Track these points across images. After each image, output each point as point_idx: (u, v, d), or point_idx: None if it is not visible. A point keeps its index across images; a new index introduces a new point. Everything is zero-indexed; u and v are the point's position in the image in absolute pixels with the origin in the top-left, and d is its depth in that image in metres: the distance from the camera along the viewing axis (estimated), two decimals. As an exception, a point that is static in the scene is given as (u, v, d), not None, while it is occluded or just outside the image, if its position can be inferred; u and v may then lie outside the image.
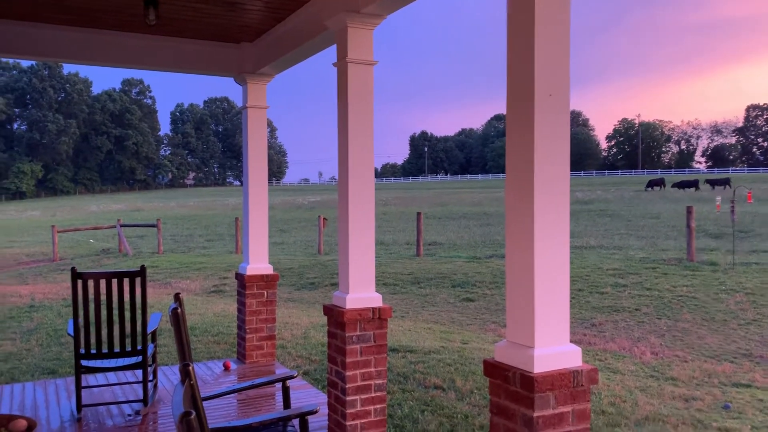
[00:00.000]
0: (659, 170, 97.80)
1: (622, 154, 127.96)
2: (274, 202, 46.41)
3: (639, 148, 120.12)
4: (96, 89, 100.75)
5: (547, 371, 2.73)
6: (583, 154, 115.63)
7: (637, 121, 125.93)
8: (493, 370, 2.88)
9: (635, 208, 31.85)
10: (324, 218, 21.17)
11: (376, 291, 4.45)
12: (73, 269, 4.84)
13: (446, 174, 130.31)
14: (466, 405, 5.62)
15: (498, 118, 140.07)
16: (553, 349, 2.78)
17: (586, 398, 2.82)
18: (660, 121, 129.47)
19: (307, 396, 5.39)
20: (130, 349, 5.01)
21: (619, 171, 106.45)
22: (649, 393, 6.36)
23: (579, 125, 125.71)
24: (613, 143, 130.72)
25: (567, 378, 2.75)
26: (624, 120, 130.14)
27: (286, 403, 3.43)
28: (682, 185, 47.24)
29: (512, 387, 2.78)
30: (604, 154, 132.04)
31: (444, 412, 5.42)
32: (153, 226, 22.57)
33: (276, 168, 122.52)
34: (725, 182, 47.24)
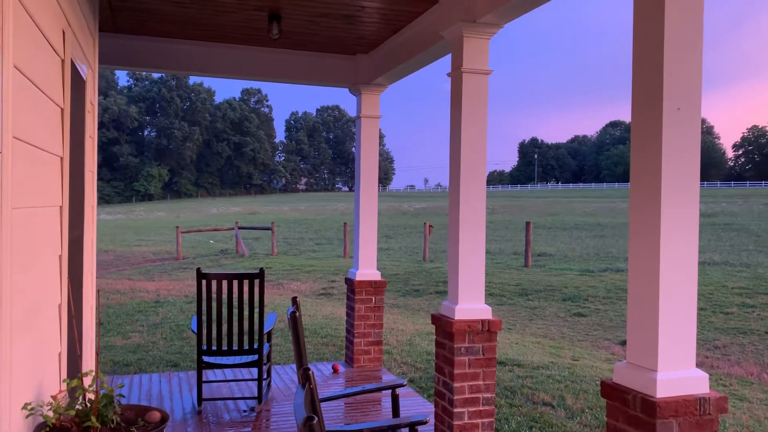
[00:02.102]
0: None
1: (750, 163, 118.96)
2: (380, 208, 47.09)
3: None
4: (218, 98, 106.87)
5: (671, 396, 2.58)
6: (707, 164, 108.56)
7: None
8: (611, 391, 2.76)
9: (766, 222, 29.48)
10: (430, 225, 21.21)
11: (485, 302, 4.40)
12: (198, 270, 5.14)
13: (557, 182, 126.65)
14: (576, 424, 5.42)
15: (614, 124, 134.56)
16: (677, 373, 2.62)
17: (713, 428, 2.64)
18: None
19: (414, 404, 5.40)
20: (247, 347, 5.25)
21: (747, 182, 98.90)
22: (782, 425, 5.85)
23: (703, 132, 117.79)
24: (740, 152, 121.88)
25: (692, 405, 2.59)
26: (754, 127, 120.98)
27: (395, 411, 3.46)
28: None
29: (632, 411, 2.65)
30: (731, 163, 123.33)
31: (553, 431, 5.26)
32: (268, 228, 23.56)
33: (383, 174, 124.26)
34: None
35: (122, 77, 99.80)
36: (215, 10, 5.15)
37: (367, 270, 6.57)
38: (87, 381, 3.00)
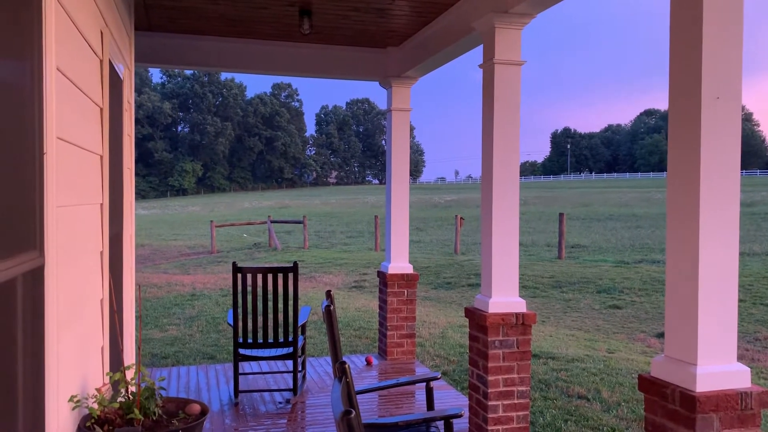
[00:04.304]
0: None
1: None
2: (411, 200, 47.01)
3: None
4: (249, 93, 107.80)
5: (711, 391, 2.54)
6: (746, 152, 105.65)
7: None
8: (650, 386, 2.73)
9: (809, 211, 28.65)
10: (461, 218, 21.12)
11: (518, 295, 4.38)
12: (234, 264, 5.22)
13: (590, 172, 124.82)
14: (612, 417, 5.37)
15: (648, 113, 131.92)
16: (717, 367, 2.58)
17: (756, 423, 2.59)
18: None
19: (447, 397, 5.41)
20: (282, 340, 5.31)
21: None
22: (826, 420, 5.70)
23: (742, 120, 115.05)
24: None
25: (734, 399, 2.55)
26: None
27: (430, 404, 3.47)
28: None
29: (671, 405, 2.62)
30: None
31: (589, 424, 5.22)
32: (300, 222, 23.76)
33: (413, 167, 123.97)
34: None
35: (156, 74, 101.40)
36: (247, 7, 5.20)
37: (400, 263, 6.59)
38: (129, 374, 3.07)
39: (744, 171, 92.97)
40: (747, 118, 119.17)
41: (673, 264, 2.71)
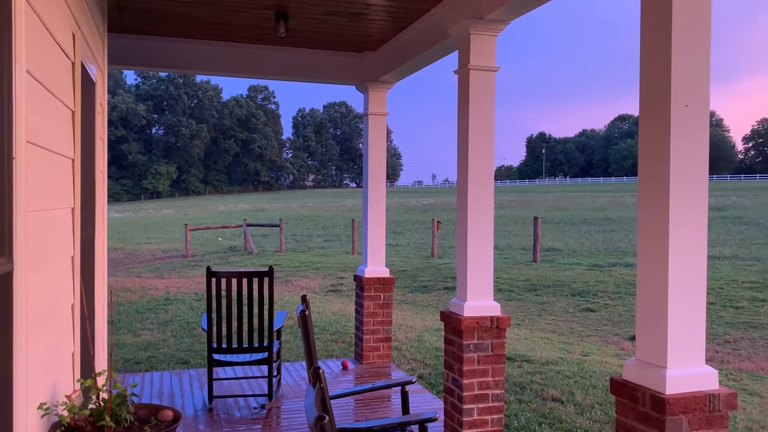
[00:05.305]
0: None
1: (761, 156, 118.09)
2: (388, 204, 47.09)
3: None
4: (225, 95, 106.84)
5: (680, 393, 2.59)
6: (717, 157, 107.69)
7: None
8: (621, 388, 2.77)
9: (776, 215, 29.29)
10: (438, 221, 21.20)
11: (493, 299, 4.41)
12: (208, 268, 5.18)
13: (565, 177, 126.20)
14: (586, 420, 5.43)
15: (622, 118, 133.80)
16: (687, 370, 2.63)
17: (723, 424, 2.64)
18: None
19: (423, 401, 5.43)
20: (257, 345, 5.28)
21: (757, 175, 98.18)
22: (792, 420, 5.84)
23: (712, 125, 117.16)
24: (750, 145, 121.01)
25: (702, 401, 2.60)
26: (764, 120, 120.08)
27: (405, 408, 3.48)
28: None
29: (641, 408, 2.66)
30: (740, 156, 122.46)
31: (563, 426, 5.27)
32: (276, 226, 23.63)
33: (391, 171, 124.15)
34: None
35: (130, 76, 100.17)
36: (222, 10, 5.17)
37: (376, 267, 6.59)
38: (100, 381, 3.03)
39: (715, 176, 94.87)
40: (717, 124, 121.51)
41: (643, 268, 2.76)
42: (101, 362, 4.37)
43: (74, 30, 3.21)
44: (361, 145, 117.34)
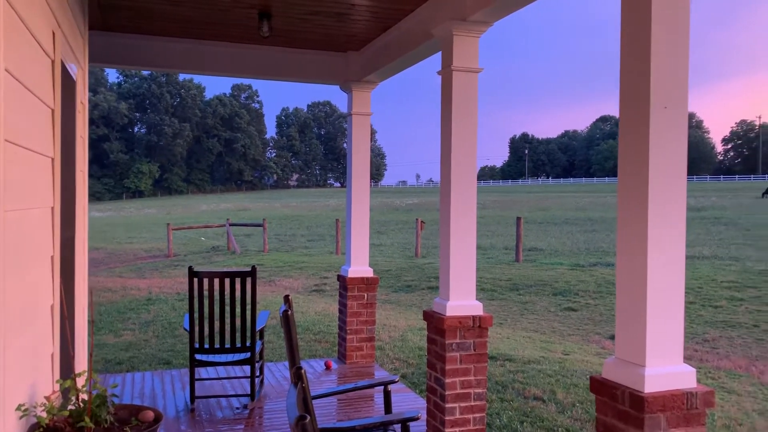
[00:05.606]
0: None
1: (739, 158, 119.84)
2: (372, 204, 46.99)
3: (759, 151, 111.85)
4: (208, 94, 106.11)
5: (659, 391, 2.62)
6: (696, 158, 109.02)
7: (758, 123, 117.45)
8: (601, 387, 2.80)
9: (754, 216, 29.72)
10: (421, 221, 21.24)
11: (475, 298, 4.44)
12: (190, 268, 5.15)
13: (548, 177, 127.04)
14: (567, 418, 5.48)
15: (604, 119, 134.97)
16: (665, 368, 2.67)
17: (700, 422, 2.68)
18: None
19: (406, 400, 5.44)
20: (239, 345, 5.26)
21: (736, 176, 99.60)
22: (769, 417, 5.94)
23: (692, 127, 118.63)
24: (729, 146, 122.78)
25: (680, 399, 2.64)
26: (742, 122, 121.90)
27: (387, 408, 3.49)
28: None
29: (620, 406, 2.69)
30: (720, 158, 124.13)
31: (544, 425, 5.31)
32: (259, 225, 23.54)
33: (375, 170, 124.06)
34: None
35: (112, 74, 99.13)
36: (206, 8, 5.14)
37: (359, 267, 6.60)
38: (80, 381, 3.01)
39: (695, 177, 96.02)
40: (698, 126, 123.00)
41: (622, 268, 2.79)
42: (81, 363, 4.33)
43: (54, 28, 3.18)
44: (345, 145, 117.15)
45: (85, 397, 2.75)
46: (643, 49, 2.67)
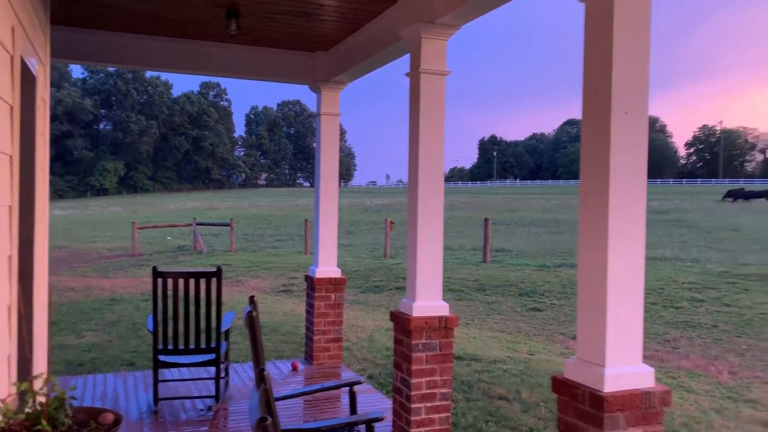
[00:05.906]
0: (742, 179, 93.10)
1: (701, 162, 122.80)
2: (341, 204, 46.77)
3: (720, 156, 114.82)
4: (176, 91, 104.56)
5: (618, 391, 2.68)
6: (660, 162, 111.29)
7: (719, 128, 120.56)
8: (562, 387, 2.85)
9: (715, 219, 30.47)
10: (391, 221, 21.28)
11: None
12: (154, 268, 5.08)
13: (515, 179, 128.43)
14: (531, 418, 5.55)
15: (571, 123, 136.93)
16: (624, 368, 2.72)
17: (658, 420, 2.75)
18: (744, 128, 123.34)
19: (372, 401, 5.45)
20: (204, 346, 5.21)
21: (699, 180, 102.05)
22: (725, 415, 6.10)
23: (656, 131, 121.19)
24: (692, 150, 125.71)
25: (639, 399, 2.70)
26: (704, 126, 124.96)
27: (353, 408, 3.49)
28: (750, 196, 44.65)
29: (581, 405, 2.74)
30: (683, 161, 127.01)
31: (509, 424, 5.37)
32: (227, 225, 23.30)
33: (344, 171, 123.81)
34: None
35: (76, 69, 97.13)
36: (172, 5, 5.08)
37: (327, 267, 6.58)
38: (38, 384, 2.94)
39: (658, 180, 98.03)
40: (661, 130, 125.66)
41: (583, 270, 2.84)
42: (40, 365, 4.24)
43: (14, 23, 3.11)
44: (314, 144, 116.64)
45: (43, 399, 2.70)
46: (604, 55, 2.73)
